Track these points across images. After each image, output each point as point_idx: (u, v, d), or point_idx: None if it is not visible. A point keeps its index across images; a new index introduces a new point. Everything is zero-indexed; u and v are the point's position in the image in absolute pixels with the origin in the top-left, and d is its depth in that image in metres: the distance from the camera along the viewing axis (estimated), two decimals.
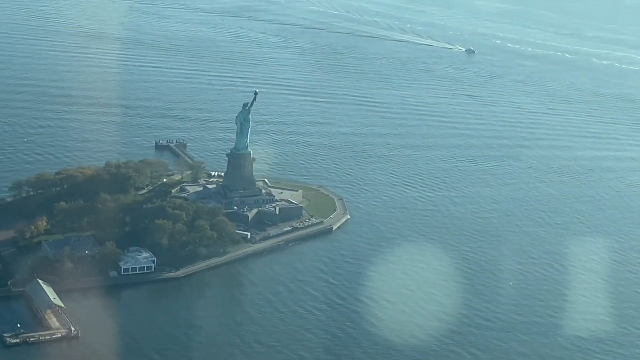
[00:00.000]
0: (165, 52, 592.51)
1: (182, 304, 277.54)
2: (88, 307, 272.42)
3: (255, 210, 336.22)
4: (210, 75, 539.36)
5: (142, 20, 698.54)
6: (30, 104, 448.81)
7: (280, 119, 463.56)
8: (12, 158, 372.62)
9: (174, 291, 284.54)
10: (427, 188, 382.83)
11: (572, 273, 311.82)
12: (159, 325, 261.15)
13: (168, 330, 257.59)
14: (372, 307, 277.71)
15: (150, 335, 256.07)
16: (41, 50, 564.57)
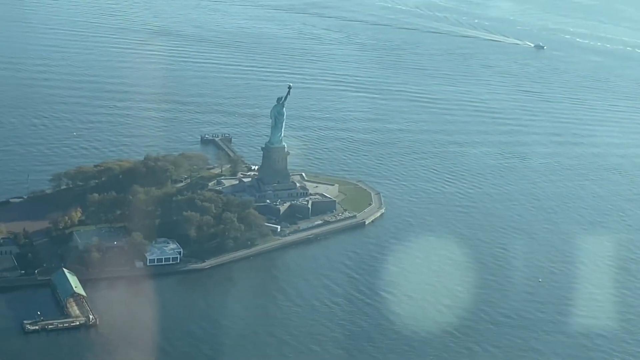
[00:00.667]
0: (225, 49, 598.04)
1: (202, 295, 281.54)
2: (110, 296, 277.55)
3: (288, 204, 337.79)
4: (267, 71, 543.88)
5: (207, 17, 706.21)
6: (85, 99, 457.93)
7: (330, 114, 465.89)
8: (57, 152, 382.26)
9: (196, 283, 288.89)
10: (468, 184, 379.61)
11: (603, 272, 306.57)
12: (176, 316, 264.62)
13: (184, 322, 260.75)
14: (390, 302, 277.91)
15: (167, 326, 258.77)
16: (104, 46, 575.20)
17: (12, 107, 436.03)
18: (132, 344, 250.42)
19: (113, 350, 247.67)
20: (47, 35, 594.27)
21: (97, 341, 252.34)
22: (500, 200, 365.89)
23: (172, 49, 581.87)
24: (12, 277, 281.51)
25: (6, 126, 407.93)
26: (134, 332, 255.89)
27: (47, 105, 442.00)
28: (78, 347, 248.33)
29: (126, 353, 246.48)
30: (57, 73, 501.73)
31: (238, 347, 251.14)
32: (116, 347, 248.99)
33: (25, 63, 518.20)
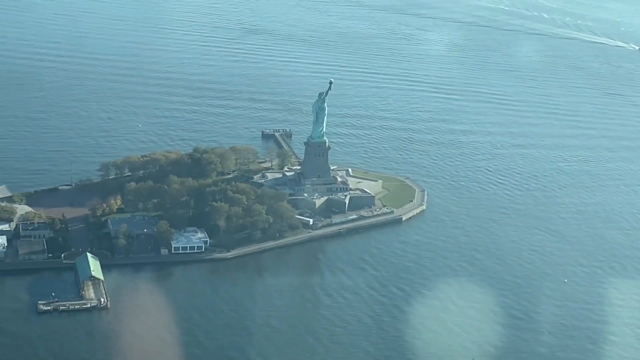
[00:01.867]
0: (314, 47, 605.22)
1: (217, 284, 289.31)
2: (130, 281, 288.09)
3: (325, 198, 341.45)
4: (350, 70, 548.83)
5: (304, 16, 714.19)
6: (161, 95, 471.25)
7: (398, 114, 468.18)
8: (116, 144, 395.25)
9: (216, 272, 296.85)
10: (518, 187, 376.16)
11: (630, 279, 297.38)
12: (186, 303, 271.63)
13: (191, 309, 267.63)
14: (396, 301, 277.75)
15: (176, 312, 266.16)
16: (195, 44, 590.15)
17: (87, 100, 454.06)
18: (138, 327, 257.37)
19: (118, 332, 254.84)
20: (139, 33, 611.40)
21: (105, 322, 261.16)
22: (546, 204, 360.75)
23: (260, 47, 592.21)
24: (38, 260, 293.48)
25: (74, 118, 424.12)
26: (142, 316, 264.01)
27: (120, 100, 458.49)
28: (85, 328, 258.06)
29: (131, 336, 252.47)
30: (140, 69, 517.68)
31: (233, 338, 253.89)
32: (122, 330, 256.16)
33: (115, 60, 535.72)
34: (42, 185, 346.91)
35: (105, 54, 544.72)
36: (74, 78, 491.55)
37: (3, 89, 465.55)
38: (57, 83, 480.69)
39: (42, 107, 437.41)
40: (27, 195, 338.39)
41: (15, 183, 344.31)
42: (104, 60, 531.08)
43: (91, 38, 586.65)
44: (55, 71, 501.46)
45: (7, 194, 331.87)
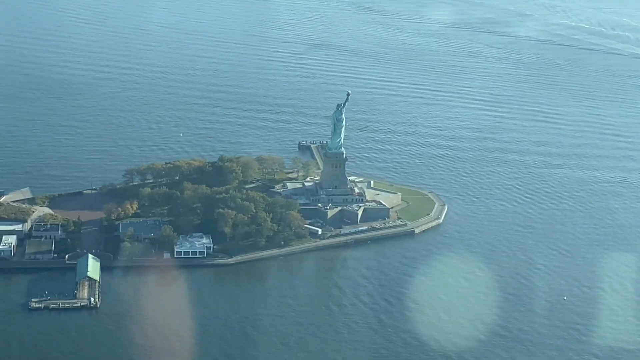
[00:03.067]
0: (377, 62, 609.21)
1: (210, 289, 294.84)
2: (126, 282, 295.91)
3: (338, 209, 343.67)
4: (407, 86, 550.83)
5: (375, 31, 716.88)
6: (210, 107, 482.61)
7: (443, 131, 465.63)
8: (150, 152, 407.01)
9: (213, 277, 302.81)
10: (540, 206, 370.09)
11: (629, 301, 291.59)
12: (176, 306, 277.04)
13: (180, 315, 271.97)
14: (379, 312, 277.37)
15: (164, 314, 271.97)
16: (259, 59, 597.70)
17: (134, 111, 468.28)
18: (124, 327, 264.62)
19: (102, 331, 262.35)
20: (206, 47, 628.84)
21: (91, 321, 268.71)
22: (565, 223, 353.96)
23: (322, 61, 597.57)
24: (43, 259, 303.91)
25: (115, 127, 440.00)
26: (131, 316, 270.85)
27: (167, 111, 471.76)
28: (70, 325, 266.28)
29: (114, 335, 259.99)
30: (197, 82, 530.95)
31: (209, 343, 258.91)
32: (107, 329, 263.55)
33: (174, 72, 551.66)
34: (69, 189, 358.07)
35: (168, 67, 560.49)
36: (130, 89, 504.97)
37: (59, 97, 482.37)
38: (111, 93, 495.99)
39: (89, 115, 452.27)
40: (50, 198, 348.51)
41: (43, 187, 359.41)
42: (163, 72, 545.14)
43: (158, 51, 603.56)
44: (113, 82, 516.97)
45: (29, 196, 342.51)
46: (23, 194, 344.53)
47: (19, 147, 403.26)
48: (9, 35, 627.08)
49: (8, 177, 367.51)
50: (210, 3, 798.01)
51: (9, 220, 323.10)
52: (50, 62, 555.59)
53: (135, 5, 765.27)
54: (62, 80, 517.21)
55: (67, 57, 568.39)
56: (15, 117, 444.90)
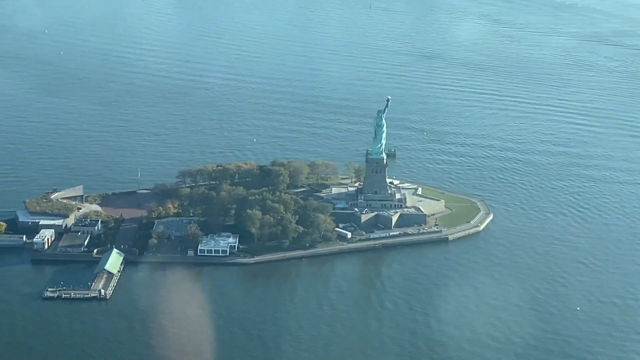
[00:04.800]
0: (483, 74, 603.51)
1: (224, 286, 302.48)
2: (145, 277, 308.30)
3: (373, 214, 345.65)
4: (504, 98, 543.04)
5: (493, 43, 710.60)
6: (294, 117, 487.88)
7: (519, 144, 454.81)
8: (216, 156, 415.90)
9: (231, 275, 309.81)
10: (590, 220, 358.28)
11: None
12: (185, 302, 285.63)
13: (186, 309, 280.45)
14: (369, 318, 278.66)
15: (169, 309, 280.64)
16: (362, 69, 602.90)
17: (217, 119, 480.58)
18: (127, 319, 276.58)
19: (105, 321, 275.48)
20: (315, 58, 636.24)
21: (99, 311, 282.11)
22: (606, 238, 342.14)
23: (425, 72, 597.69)
24: (73, 253, 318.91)
25: (192, 134, 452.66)
26: (138, 309, 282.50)
27: (247, 119, 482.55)
28: (76, 314, 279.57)
29: (115, 325, 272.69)
30: (292, 92, 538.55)
31: (208, 338, 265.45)
32: (110, 320, 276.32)
33: (270, 82, 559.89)
34: (126, 189, 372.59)
35: (267, 77, 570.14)
36: (222, 97, 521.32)
37: (153, 104, 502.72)
38: (203, 101, 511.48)
39: (174, 123, 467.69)
40: (103, 196, 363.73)
41: (105, 187, 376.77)
42: (262, 82, 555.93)
43: (264, 62, 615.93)
44: (208, 91, 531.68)
45: (80, 194, 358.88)
46: (75, 191, 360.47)
47: (90, 149, 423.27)
48: (113, 42, 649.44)
49: (80, 177, 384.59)
50: (332, 15, 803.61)
51: (52, 215, 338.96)
52: (154, 71, 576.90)
53: (250, 18, 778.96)
54: (161, 88, 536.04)
55: (173, 67, 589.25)
56: (102, 121, 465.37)
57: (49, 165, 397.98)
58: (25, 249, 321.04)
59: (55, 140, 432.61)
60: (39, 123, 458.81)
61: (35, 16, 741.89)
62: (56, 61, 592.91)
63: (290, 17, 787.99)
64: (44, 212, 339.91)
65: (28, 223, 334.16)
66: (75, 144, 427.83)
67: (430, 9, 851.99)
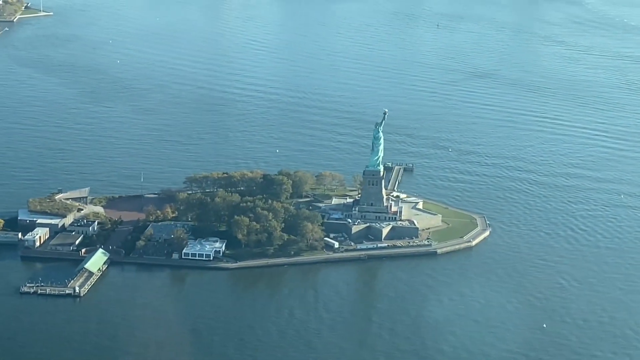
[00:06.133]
0: (528, 93, 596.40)
1: (198, 289, 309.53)
2: (125, 277, 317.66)
3: (365, 225, 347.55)
4: (542, 119, 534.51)
5: (549, 63, 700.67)
6: (322, 131, 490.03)
7: (537, 165, 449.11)
8: (237, 162, 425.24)
9: (209, 279, 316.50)
10: (586, 241, 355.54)
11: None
12: (156, 304, 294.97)
13: (155, 309, 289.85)
14: (329, 339, 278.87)
15: (139, 308, 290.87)
16: (409, 87, 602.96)
17: (245, 129, 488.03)
18: (96, 317, 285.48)
19: (73, 318, 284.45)
20: (366, 74, 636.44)
21: (67, 309, 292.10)
22: (592, 260, 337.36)
23: (470, 91, 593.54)
24: (62, 251, 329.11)
25: (215, 145, 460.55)
26: (108, 309, 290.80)
27: (272, 130, 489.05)
28: (48, 310, 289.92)
29: (82, 322, 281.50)
30: (332, 108, 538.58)
31: (168, 338, 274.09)
32: (78, 317, 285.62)
33: (316, 98, 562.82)
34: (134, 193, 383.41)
35: (313, 92, 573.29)
36: (258, 109, 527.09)
37: (188, 114, 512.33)
38: (238, 113, 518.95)
39: (202, 132, 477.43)
40: (109, 199, 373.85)
41: (110, 191, 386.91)
42: (300, 96, 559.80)
43: (314, 77, 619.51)
44: (246, 103, 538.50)
45: (85, 195, 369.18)
46: (80, 193, 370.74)
47: (110, 153, 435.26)
48: (169, 54, 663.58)
49: (91, 179, 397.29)
50: (396, 33, 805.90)
51: (51, 214, 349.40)
52: (200, 83, 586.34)
53: (312, 34, 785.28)
54: (201, 99, 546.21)
55: (220, 80, 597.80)
56: (132, 129, 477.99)
57: (63, 167, 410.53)
58: (19, 246, 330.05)
59: (79, 144, 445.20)
60: (71, 128, 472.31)
61: (104, 27, 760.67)
62: (110, 70, 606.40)
63: (353, 34, 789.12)
64: (43, 212, 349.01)
65: (26, 221, 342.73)
66: (97, 148, 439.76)
67: (497, 30, 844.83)
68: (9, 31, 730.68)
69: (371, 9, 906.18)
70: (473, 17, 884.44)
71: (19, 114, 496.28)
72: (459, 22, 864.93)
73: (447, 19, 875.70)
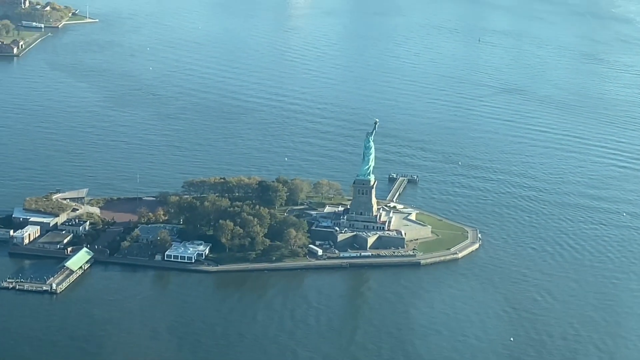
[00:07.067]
0: (555, 110, 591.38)
1: (175, 291, 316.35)
2: (106, 276, 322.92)
3: (352, 234, 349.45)
4: (565, 137, 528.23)
5: (583, 81, 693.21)
6: (338, 142, 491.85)
7: (547, 183, 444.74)
8: (241, 168, 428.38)
9: (187, 281, 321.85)
10: (571, 257, 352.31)
11: None
12: (131, 302, 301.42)
13: (129, 309, 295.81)
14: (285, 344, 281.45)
15: (113, 308, 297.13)
16: (434, 101, 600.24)
17: (255, 138, 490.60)
18: (68, 314, 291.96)
19: (45, 314, 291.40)
20: (396, 89, 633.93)
21: (42, 305, 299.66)
22: (574, 278, 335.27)
23: (494, 105, 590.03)
24: (49, 249, 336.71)
25: (230, 150, 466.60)
26: (83, 305, 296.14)
27: (283, 139, 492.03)
28: (22, 305, 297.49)
29: (53, 318, 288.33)
30: (353, 120, 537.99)
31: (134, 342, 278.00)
32: (51, 313, 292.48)
33: (341, 109, 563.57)
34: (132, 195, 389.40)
35: (333, 103, 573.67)
36: (278, 116, 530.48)
37: (207, 121, 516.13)
38: (256, 121, 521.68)
39: (214, 139, 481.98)
40: (107, 200, 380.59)
41: (111, 192, 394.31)
42: (323, 107, 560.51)
43: (338, 89, 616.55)
44: (264, 113, 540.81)
45: (82, 196, 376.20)
46: (78, 193, 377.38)
47: (115, 156, 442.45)
48: (202, 62, 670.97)
49: (94, 181, 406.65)
50: (434, 48, 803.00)
51: (44, 213, 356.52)
52: (226, 92, 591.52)
53: (349, 47, 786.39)
54: (223, 108, 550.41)
55: (246, 89, 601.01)
56: (149, 134, 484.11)
57: (66, 169, 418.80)
58: (9, 242, 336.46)
59: (89, 147, 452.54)
60: (84, 131, 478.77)
61: (146, 35, 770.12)
62: (140, 77, 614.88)
63: (391, 47, 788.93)
64: (37, 210, 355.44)
65: (20, 219, 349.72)
66: (104, 151, 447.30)
67: (538, 46, 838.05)
68: (52, 37, 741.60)
69: (416, 23, 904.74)
70: (517, 33, 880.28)
71: (38, 116, 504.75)
72: (501, 38, 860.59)
73: (490, 34, 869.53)
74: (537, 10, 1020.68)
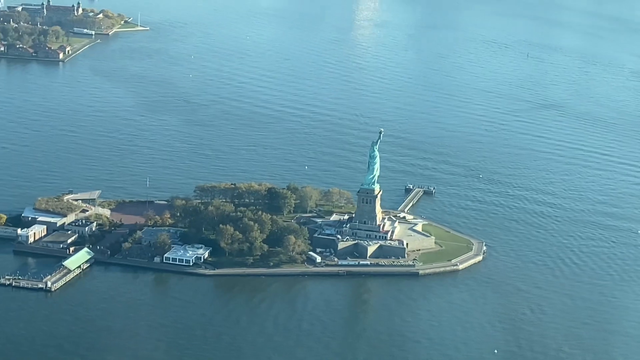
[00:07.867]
0: (590, 127, 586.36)
1: (170, 293, 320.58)
2: (105, 276, 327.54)
3: (353, 242, 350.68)
4: (593, 154, 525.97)
5: (625, 97, 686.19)
6: (357, 154, 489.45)
7: (564, 199, 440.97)
8: (261, 176, 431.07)
9: (183, 283, 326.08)
10: (570, 274, 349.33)
11: None
12: (123, 303, 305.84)
13: (119, 310, 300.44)
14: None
15: (107, 307, 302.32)
16: (467, 113, 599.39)
17: (272, 146, 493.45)
18: (61, 312, 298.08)
19: (37, 310, 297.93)
20: (422, 99, 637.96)
21: (36, 302, 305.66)
22: (567, 294, 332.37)
23: (528, 120, 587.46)
24: (52, 248, 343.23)
25: (250, 158, 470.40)
26: (75, 305, 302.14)
27: (305, 147, 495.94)
28: (16, 302, 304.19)
29: (45, 315, 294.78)
30: (365, 126, 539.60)
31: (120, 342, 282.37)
32: (43, 310, 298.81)
33: (369, 121, 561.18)
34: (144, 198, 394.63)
35: (363, 114, 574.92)
36: (307, 126, 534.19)
37: (236, 129, 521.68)
38: (283, 130, 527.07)
39: (236, 146, 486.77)
40: (118, 202, 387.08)
41: (124, 195, 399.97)
42: (352, 117, 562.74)
43: (370, 101, 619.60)
44: (294, 122, 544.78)
45: (94, 197, 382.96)
46: (90, 195, 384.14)
47: (136, 161, 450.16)
48: (242, 72, 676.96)
49: (109, 183, 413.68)
50: (481, 62, 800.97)
51: (53, 213, 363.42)
52: (260, 101, 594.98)
53: (394, 59, 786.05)
54: (253, 117, 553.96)
55: (279, 99, 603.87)
56: (175, 140, 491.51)
57: (83, 172, 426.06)
58: (15, 240, 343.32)
59: (112, 151, 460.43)
60: (109, 136, 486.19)
61: (193, 43, 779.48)
62: (179, 84, 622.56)
63: (433, 60, 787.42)
64: (46, 210, 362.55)
65: (28, 218, 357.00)
66: (125, 156, 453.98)
67: (586, 62, 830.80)
68: (101, 43, 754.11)
69: (469, 38, 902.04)
70: (567, 49, 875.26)
71: (70, 120, 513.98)
72: (550, 53, 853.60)
73: (539, 49, 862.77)
74: (601, 28, 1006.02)
